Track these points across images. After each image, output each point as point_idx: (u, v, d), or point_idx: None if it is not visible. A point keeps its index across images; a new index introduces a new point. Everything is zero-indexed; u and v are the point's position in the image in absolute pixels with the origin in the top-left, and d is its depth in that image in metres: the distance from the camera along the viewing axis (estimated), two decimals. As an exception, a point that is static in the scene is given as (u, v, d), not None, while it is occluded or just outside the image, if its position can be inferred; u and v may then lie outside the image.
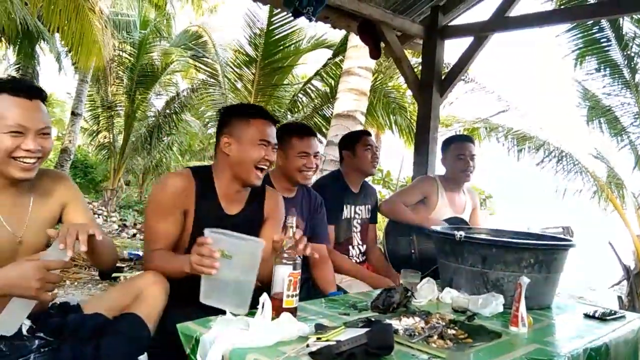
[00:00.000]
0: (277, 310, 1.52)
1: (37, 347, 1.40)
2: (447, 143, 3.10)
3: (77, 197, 1.69)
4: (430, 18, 3.53)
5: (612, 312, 1.99)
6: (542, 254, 1.92)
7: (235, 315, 1.46)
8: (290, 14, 2.93)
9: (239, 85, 8.93)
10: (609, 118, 7.60)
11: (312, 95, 8.76)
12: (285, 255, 1.57)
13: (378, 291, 1.94)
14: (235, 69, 8.80)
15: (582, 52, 7.59)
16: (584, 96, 7.75)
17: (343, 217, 2.82)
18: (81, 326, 1.44)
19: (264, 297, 1.39)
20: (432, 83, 3.50)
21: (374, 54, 3.55)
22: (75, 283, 4.79)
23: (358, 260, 2.93)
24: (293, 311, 1.56)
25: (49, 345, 1.41)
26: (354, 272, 2.74)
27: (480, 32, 3.39)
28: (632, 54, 7.30)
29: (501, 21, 3.30)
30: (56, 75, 10.30)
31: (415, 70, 3.77)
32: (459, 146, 3.01)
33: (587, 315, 1.94)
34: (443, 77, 3.59)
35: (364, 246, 2.98)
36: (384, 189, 10.30)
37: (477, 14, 3.71)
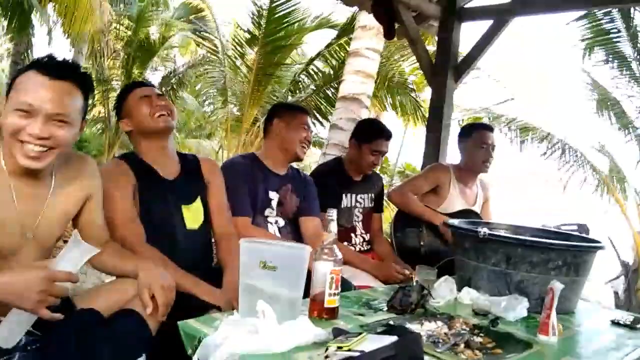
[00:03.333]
0: (319, 310, 1.43)
1: (23, 344, 1.25)
2: (469, 130, 2.91)
3: (100, 189, 1.56)
4: (448, -2, 3.34)
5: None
6: (572, 255, 1.79)
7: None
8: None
9: (239, 62, 8.70)
10: (616, 111, 7.49)
11: (315, 76, 8.54)
12: (326, 250, 1.45)
13: (389, 287, 1.85)
14: (237, 47, 8.55)
15: (590, 43, 7.44)
16: (592, 88, 7.62)
17: (343, 206, 2.71)
18: (71, 323, 1.28)
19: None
20: (447, 67, 3.32)
21: (388, 34, 3.36)
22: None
23: (362, 249, 2.83)
24: (335, 311, 1.47)
25: (36, 342, 1.26)
26: (357, 262, 2.63)
27: (501, 15, 3.20)
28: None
29: (524, 4, 3.11)
30: (52, 46, 9.98)
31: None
32: (483, 135, 2.84)
33: (614, 323, 1.82)
34: (458, 62, 3.41)
35: (368, 235, 2.87)
36: (381, 175, 10.18)
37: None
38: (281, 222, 2.33)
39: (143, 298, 1.37)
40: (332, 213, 1.52)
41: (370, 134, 2.71)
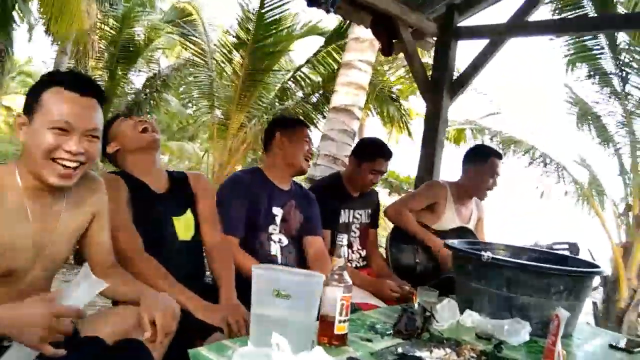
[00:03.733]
0: (329, 337, 1.41)
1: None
2: (485, 155, 2.89)
3: (105, 206, 1.54)
4: (445, 16, 3.38)
5: (637, 342, 1.91)
6: (574, 280, 1.82)
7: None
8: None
9: (226, 67, 8.63)
10: (597, 125, 7.65)
11: (302, 83, 8.53)
12: (336, 276, 1.44)
13: (390, 308, 1.85)
14: (224, 51, 8.49)
15: (573, 59, 7.59)
16: (574, 102, 7.77)
17: (340, 222, 2.72)
18: (76, 352, 1.24)
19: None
20: (442, 84, 3.36)
21: (386, 50, 3.39)
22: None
23: (358, 265, 2.83)
24: (345, 337, 1.46)
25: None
26: (354, 279, 2.63)
27: (498, 35, 3.25)
28: (625, 63, 7.29)
29: (521, 25, 3.17)
30: (33, 42, 9.78)
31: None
32: (497, 164, 2.84)
33: (612, 346, 1.85)
34: (454, 79, 3.44)
35: (364, 251, 2.88)
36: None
37: (490, 17, 3.59)
38: (284, 241, 2.30)
39: (142, 322, 1.35)
40: (343, 238, 1.52)
41: (372, 153, 2.72)
